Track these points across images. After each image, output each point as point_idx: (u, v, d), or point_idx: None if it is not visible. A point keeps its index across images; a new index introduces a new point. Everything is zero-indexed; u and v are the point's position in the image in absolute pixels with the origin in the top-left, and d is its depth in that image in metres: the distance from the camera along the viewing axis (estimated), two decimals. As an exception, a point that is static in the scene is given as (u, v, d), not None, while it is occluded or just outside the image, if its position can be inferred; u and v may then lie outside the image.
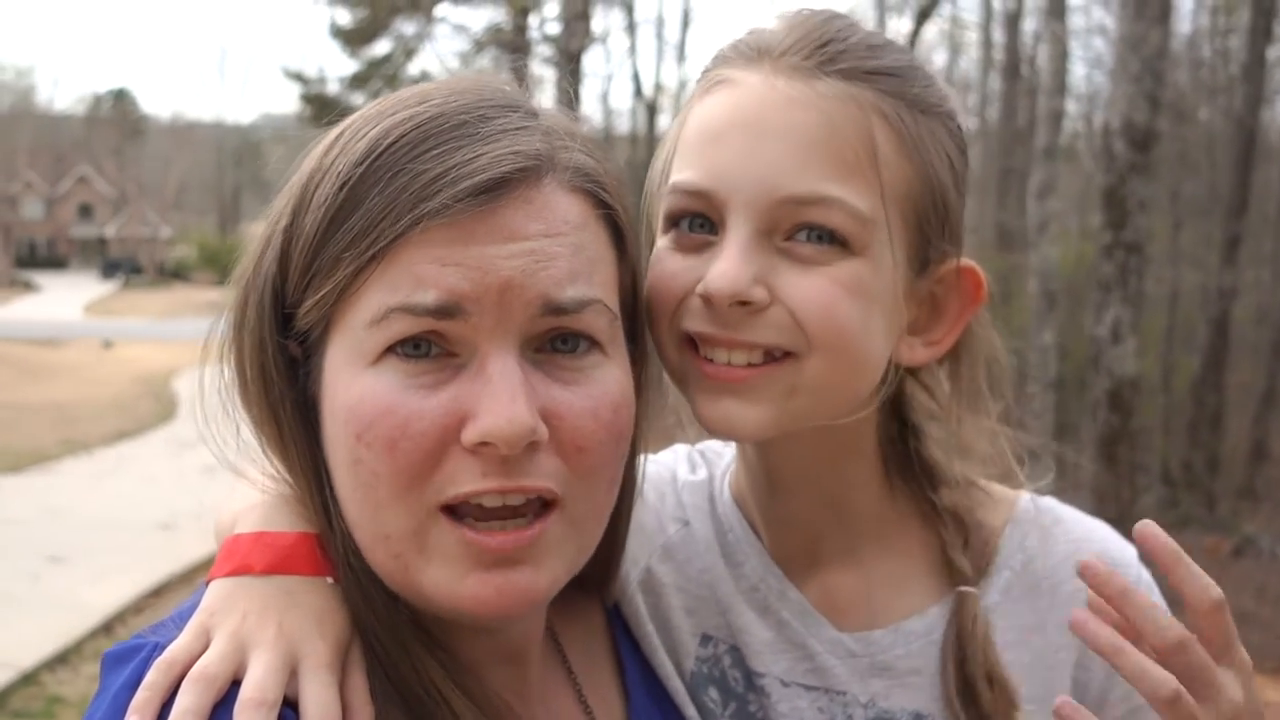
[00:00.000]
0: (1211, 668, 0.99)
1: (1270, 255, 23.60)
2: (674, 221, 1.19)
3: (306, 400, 1.03)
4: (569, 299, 0.96)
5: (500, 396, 0.92)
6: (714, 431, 1.19)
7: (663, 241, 1.20)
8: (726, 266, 1.11)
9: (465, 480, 0.94)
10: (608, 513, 1.06)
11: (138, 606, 9.49)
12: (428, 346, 0.95)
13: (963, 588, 1.23)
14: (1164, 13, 9.91)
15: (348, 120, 1.03)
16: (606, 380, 1.00)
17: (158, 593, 9.87)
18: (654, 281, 1.18)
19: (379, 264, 0.93)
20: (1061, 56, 14.23)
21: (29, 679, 7.77)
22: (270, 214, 1.04)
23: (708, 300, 1.12)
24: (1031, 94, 21.00)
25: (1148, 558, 1.09)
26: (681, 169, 1.18)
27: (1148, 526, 1.02)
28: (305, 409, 1.03)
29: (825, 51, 1.15)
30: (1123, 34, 9.90)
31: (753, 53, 1.18)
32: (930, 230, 1.19)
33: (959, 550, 1.26)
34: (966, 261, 1.23)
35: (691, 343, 1.17)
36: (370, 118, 1.00)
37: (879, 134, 1.13)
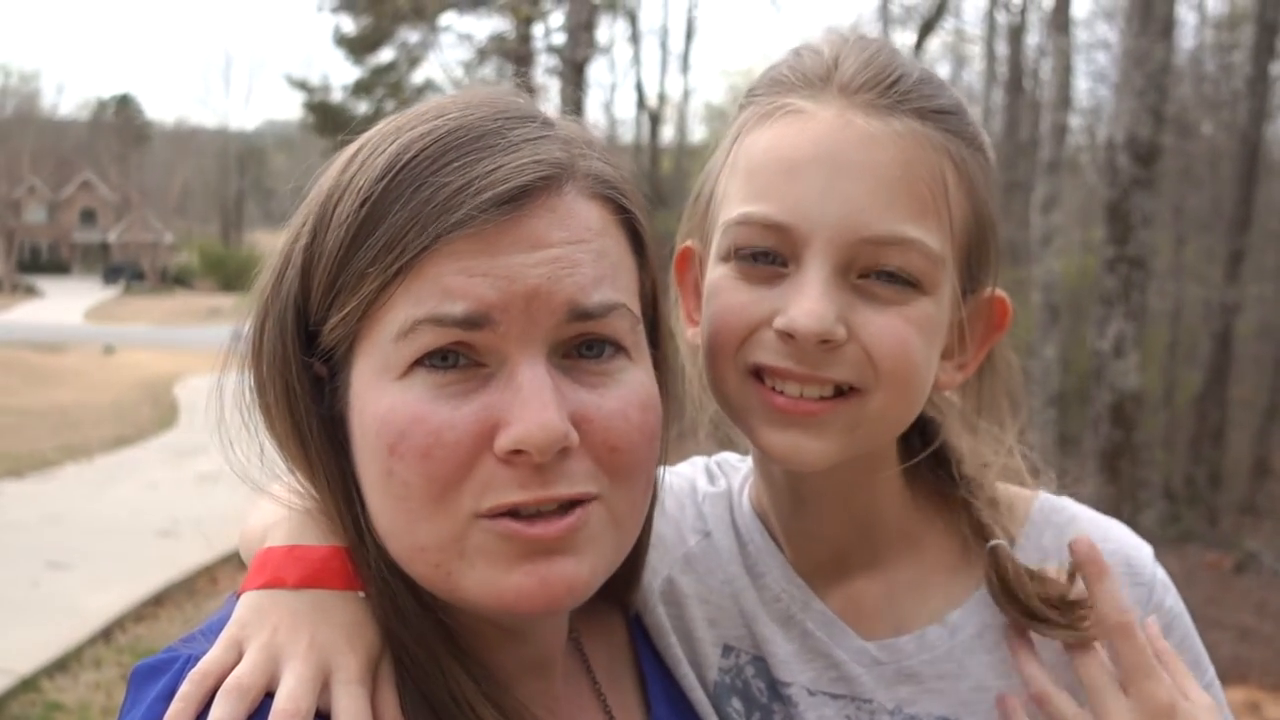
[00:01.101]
0: (1135, 673, 1.11)
1: (1273, 270, 23.60)
2: (736, 252, 1.18)
3: (333, 417, 1.03)
4: (595, 304, 0.97)
5: (531, 403, 0.92)
6: (779, 461, 1.20)
7: (723, 270, 1.20)
8: (813, 306, 1.11)
9: (501, 491, 0.94)
10: (644, 514, 1.07)
11: (138, 614, 9.47)
12: (455, 357, 0.95)
13: (993, 542, 1.23)
14: (1168, 28, 9.94)
15: (364, 137, 1.03)
16: (633, 383, 1.01)
17: (158, 600, 9.84)
18: (719, 312, 1.19)
19: (404, 278, 0.93)
20: (1065, 70, 14.25)
21: (28, 685, 7.72)
22: (289, 232, 1.04)
23: (788, 336, 1.13)
24: (1035, 108, 21.06)
25: (1076, 565, 1.17)
26: (753, 200, 1.17)
27: (1082, 540, 1.15)
28: (331, 426, 1.03)
29: (897, 89, 1.16)
30: (1126, 49, 9.93)
31: (818, 81, 1.18)
32: (975, 264, 1.22)
33: (985, 513, 1.26)
34: (998, 291, 1.26)
35: (754, 373, 1.18)
36: (388, 134, 1.00)
37: (947, 173, 1.15)
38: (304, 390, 1.02)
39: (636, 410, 1.00)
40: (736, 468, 1.45)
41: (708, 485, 1.44)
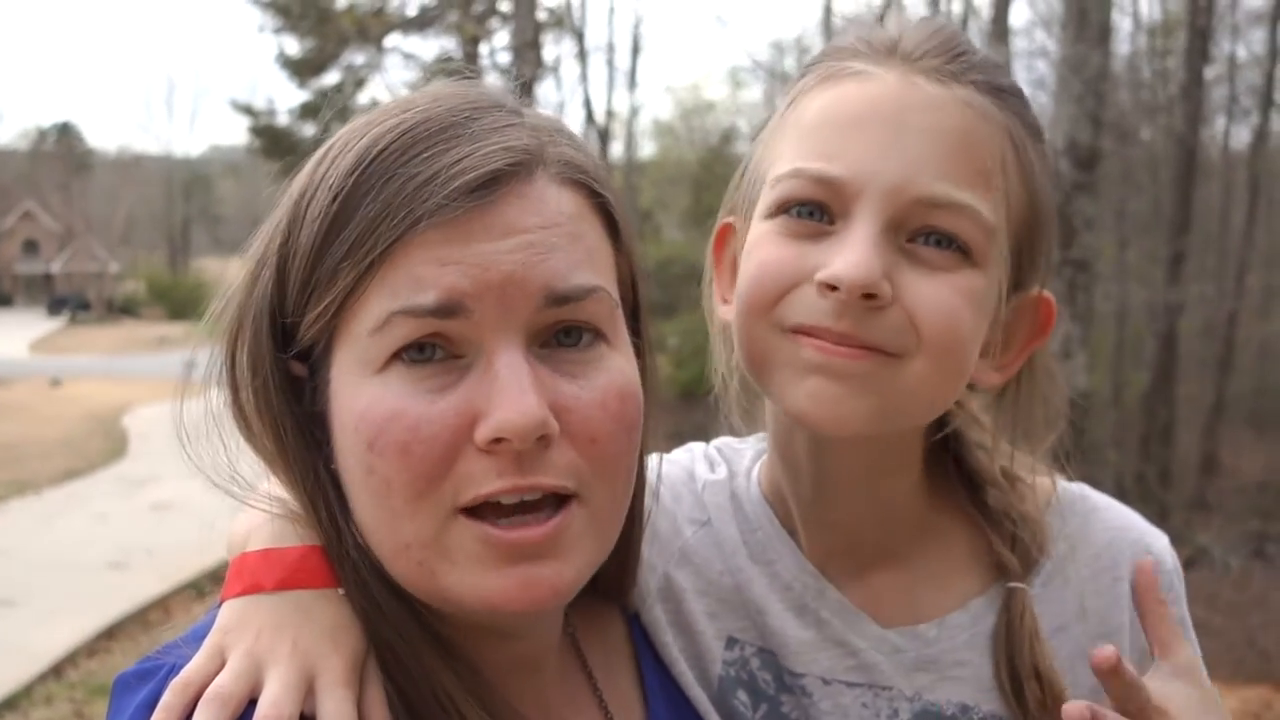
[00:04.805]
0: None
1: (1214, 270, 24.07)
2: (783, 208, 1.16)
3: (313, 416, 1.02)
4: (573, 287, 0.96)
5: (510, 391, 0.92)
6: (807, 418, 1.13)
7: (765, 227, 1.17)
8: (859, 257, 1.08)
9: (481, 481, 0.93)
10: (626, 506, 1.06)
11: (90, 648, 9.31)
12: (432, 350, 0.95)
13: (1013, 584, 1.24)
14: (1104, 35, 10.12)
15: (334, 137, 1.04)
16: (612, 371, 1.00)
17: (110, 633, 9.69)
18: (758, 267, 1.16)
19: (378, 270, 0.93)
20: (1005, 79, 14.43)
21: (-23, 726, 7.59)
22: (263, 236, 1.04)
23: (830, 288, 1.09)
24: (977, 116, 21.28)
25: (1136, 585, 1.19)
26: (807, 156, 1.15)
27: (1145, 569, 1.17)
28: (310, 425, 1.02)
29: (961, 60, 1.16)
30: (1064, 56, 10.09)
31: (883, 49, 1.17)
32: (1025, 256, 1.20)
33: (1006, 548, 1.25)
34: (1045, 292, 1.24)
35: (789, 335, 1.14)
36: (357, 129, 1.01)
37: (1006, 152, 1.15)
38: (280, 388, 1.01)
39: (616, 400, 0.99)
40: (740, 451, 1.42)
41: (708, 472, 1.41)
